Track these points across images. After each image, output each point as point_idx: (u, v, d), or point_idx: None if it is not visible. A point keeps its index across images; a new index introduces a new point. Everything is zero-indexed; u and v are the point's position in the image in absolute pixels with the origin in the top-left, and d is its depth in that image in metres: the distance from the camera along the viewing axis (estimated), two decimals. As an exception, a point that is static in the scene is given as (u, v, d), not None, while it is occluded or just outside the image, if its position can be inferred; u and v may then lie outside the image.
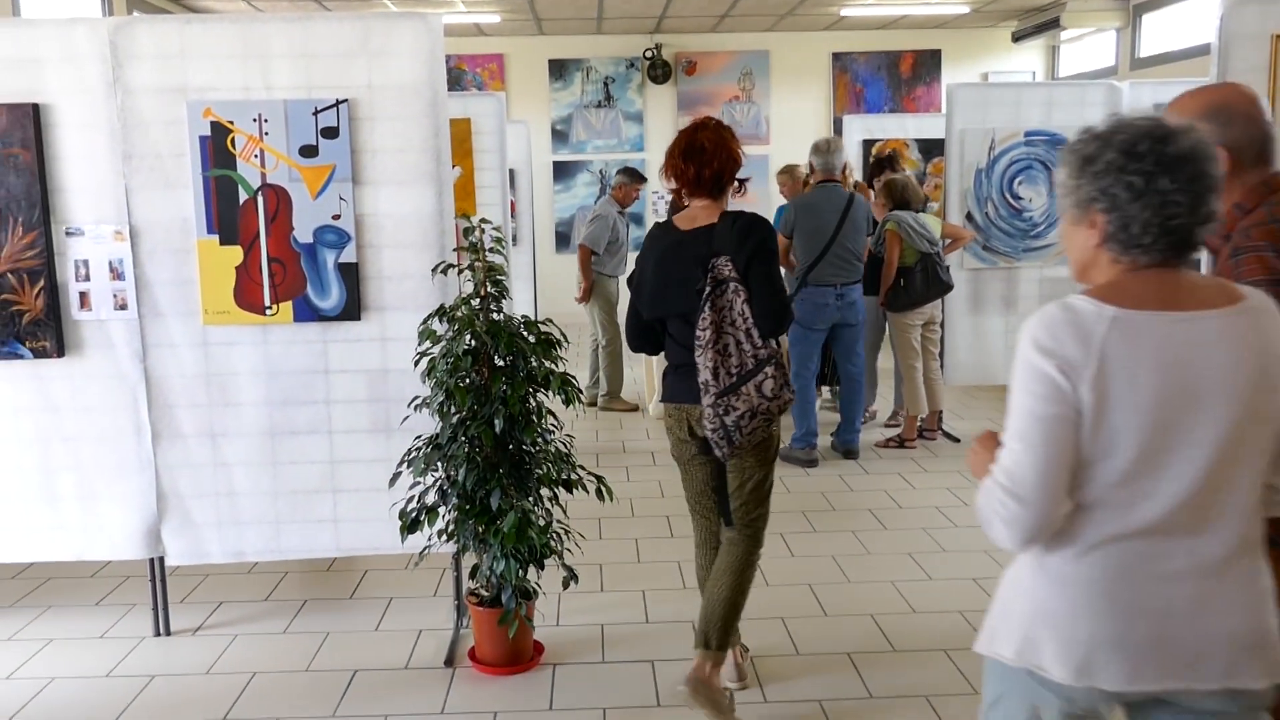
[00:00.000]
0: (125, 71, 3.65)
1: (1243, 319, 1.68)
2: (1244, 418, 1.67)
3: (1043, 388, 1.67)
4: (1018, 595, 1.80)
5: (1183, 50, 9.62)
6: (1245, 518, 1.71)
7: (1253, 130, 2.21)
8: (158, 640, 3.96)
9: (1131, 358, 1.64)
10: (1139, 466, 1.66)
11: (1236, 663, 1.69)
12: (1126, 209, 1.67)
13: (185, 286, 3.77)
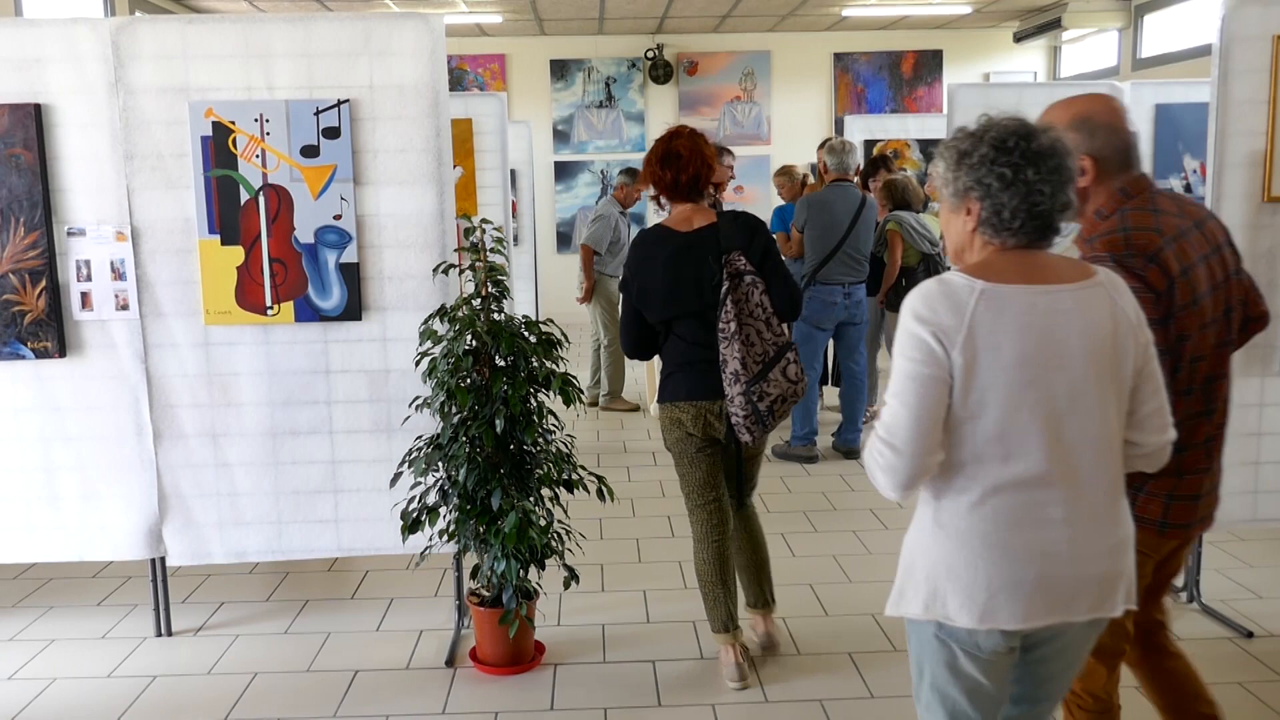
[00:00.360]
0: (127, 71, 3.65)
1: (1095, 292, 1.91)
2: (1099, 379, 1.88)
3: (919, 352, 1.87)
4: (919, 555, 1.99)
5: (1184, 51, 9.61)
6: (1109, 469, 1.93)
7: (1114, 140, 2.34)
8: (159, 641, 3.97)
9: (997, 325, 1.85)
10: (1008, 423, 1.87)
11: (1103, 596, 1.95)
12: (998, 197, 1.89)
13: (187, 287, 3.77)
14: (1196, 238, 2.33)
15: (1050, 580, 1.90)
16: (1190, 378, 2.30)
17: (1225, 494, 4.02)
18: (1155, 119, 6.66)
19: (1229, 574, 4.40)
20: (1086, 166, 2.31)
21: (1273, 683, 3.49)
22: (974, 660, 1.97)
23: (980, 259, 1.96)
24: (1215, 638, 3.83)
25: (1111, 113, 2.38)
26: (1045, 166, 1.88)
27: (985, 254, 1.96)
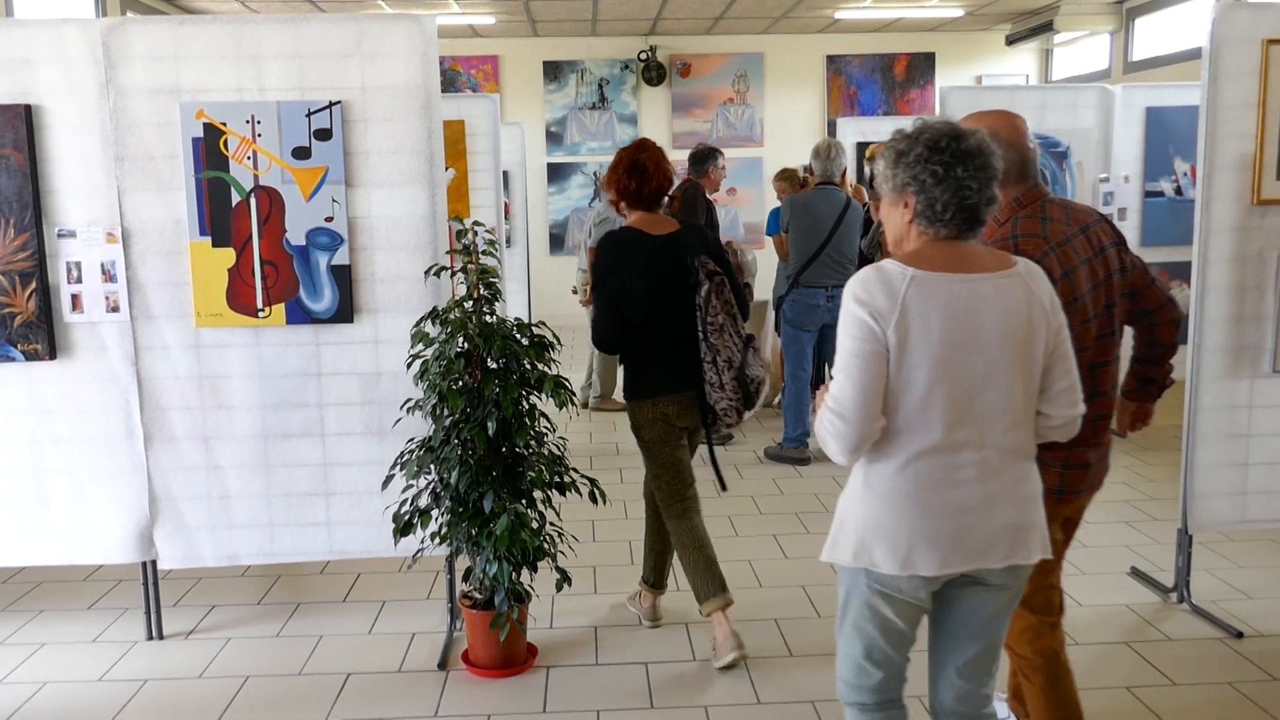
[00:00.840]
0: (118, 73, 3.64)
1: (1014, 280, 2.15)
2: (1012, 358, 2.13)
3: (859, 330, 2.11)
4: (851, 510, 2.25)
5: (1175, 54, 9.64)
6: (1019, 435, 2.18)
7: (1013, 154, 2.59)
8: (150, 644, 3.95)
9: (925, 308, 2.09)
10: (932, 395, 2.10)
11: (1015, 545, 2.19)
12: (931, 191, 2.13)
13: (177, 289, 3.76)
14: (1081, 242, 2.62)
15: (965, 532, 2.15)
16: None
17: (1215, 495, 4.05)
18: (1146, 122, 6.69)
19: (1219, 575, 4.41)
20: None
21: (1263, 683, 3.50)
22: (892, 603, 2.24)
23: (914, 248, 2.19)
24: (1205, 638, 3.84)
25: (1013, 130, 2.66)
26: (973, 164, 2.12)
27: (920, 244, 2.20)
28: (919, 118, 2.23)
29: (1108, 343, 2.68)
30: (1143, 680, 3.54)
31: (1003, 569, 2.21)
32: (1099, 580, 4.40)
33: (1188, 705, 3.38)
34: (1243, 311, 3.93)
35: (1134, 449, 6.51)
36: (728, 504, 5.47)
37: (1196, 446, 4.00)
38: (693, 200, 6.51)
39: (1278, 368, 3.95)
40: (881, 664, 2.33)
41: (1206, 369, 3.95)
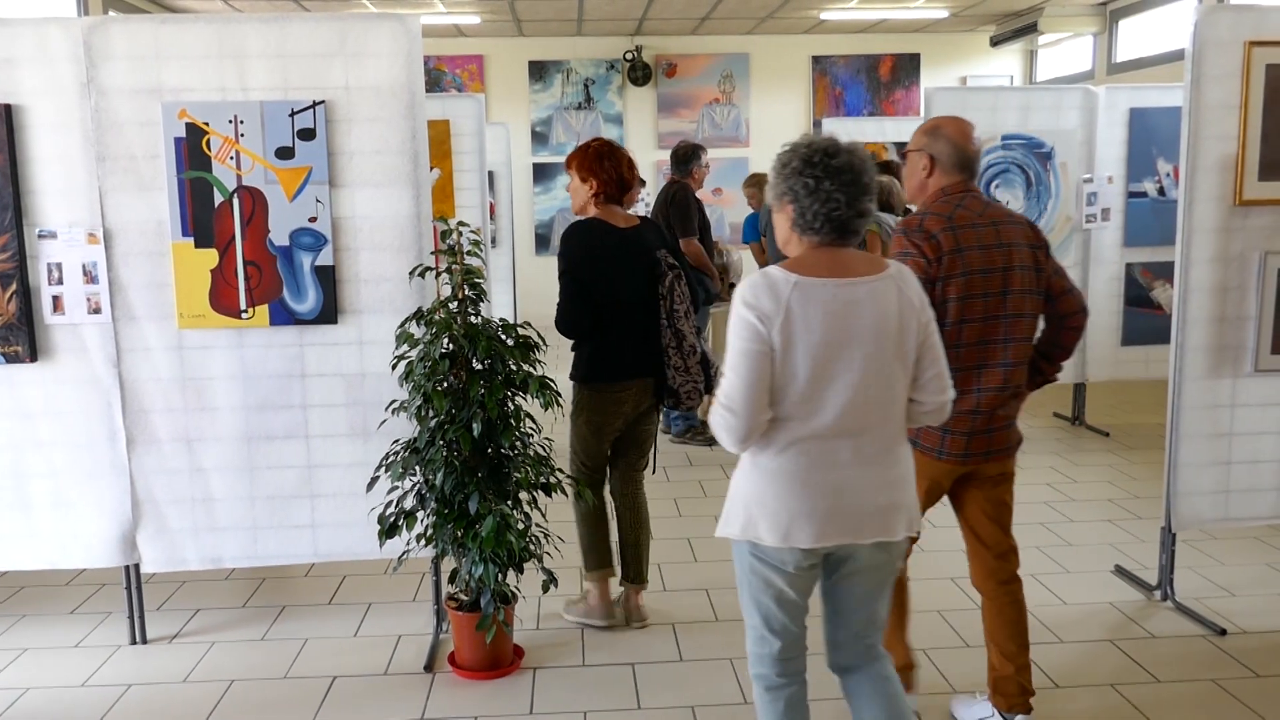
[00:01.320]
0: (99, 72, 3.61)
1: (885, 283, 2.36)
2: (885, 353, 2.34)
3: (747, 332, 2.30)
4: (740, 489, 2.45)
5: (1158, 56, 9.69)
6: (891, 422, 2.39)
7: (951, 150, 3.02)
8: (134, 648, 3.93)
9: (806, 310, 2.30)
10: (812, 388, 2.32)
11: (885, 523, 2.41)
12: (803, 201, 2.36)
13: (160, 290, 3.74)
14: (986, 232, 2.96)
15: (839, 510, 2.37)
16: (957, 335, 2.92)
17: (1198, 493, 4.07)
18: (1129, 123, 6.72)
19: (1202, 572, 4.44)
20: (926, 163, 3.06)
21: (1246, 679, 3.52)
22: (779, 573, 2.44)
23: (797, 254, 2.42)
24: (1189, 635, 3.86)
25: (959, 132, 3.05)
26: (840, 180, 2.33)
27: (801, 249, 2.42)
28: (805, 134, 2.47)
29: (994, 324, 2.96)
30: (1127, 678, 3.55)
31: (872, 545, 2.43)
32: (1084, 578, 4.42)
33: (1172, 702, 3.39)
34: (1225, 312, 3.95)
35: (1118, 448, 6.55)
36: (714, 504, 5.47)
37: (1180, 445, 4.02)
38: (684, 202, 6.46)
39: (1260, 367, 3.97)
40: (780, 633, 2.52)
41: (1189, 368, 3.97)
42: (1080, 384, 7.08)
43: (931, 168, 3.06)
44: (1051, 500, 5.50)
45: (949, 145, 3.03)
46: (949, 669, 3.64)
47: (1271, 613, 4.05)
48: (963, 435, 3.00)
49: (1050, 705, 3.38)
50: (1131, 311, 6.88)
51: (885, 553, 2.46)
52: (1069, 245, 6.74)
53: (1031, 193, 6.65)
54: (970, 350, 2.94)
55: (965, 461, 3.05)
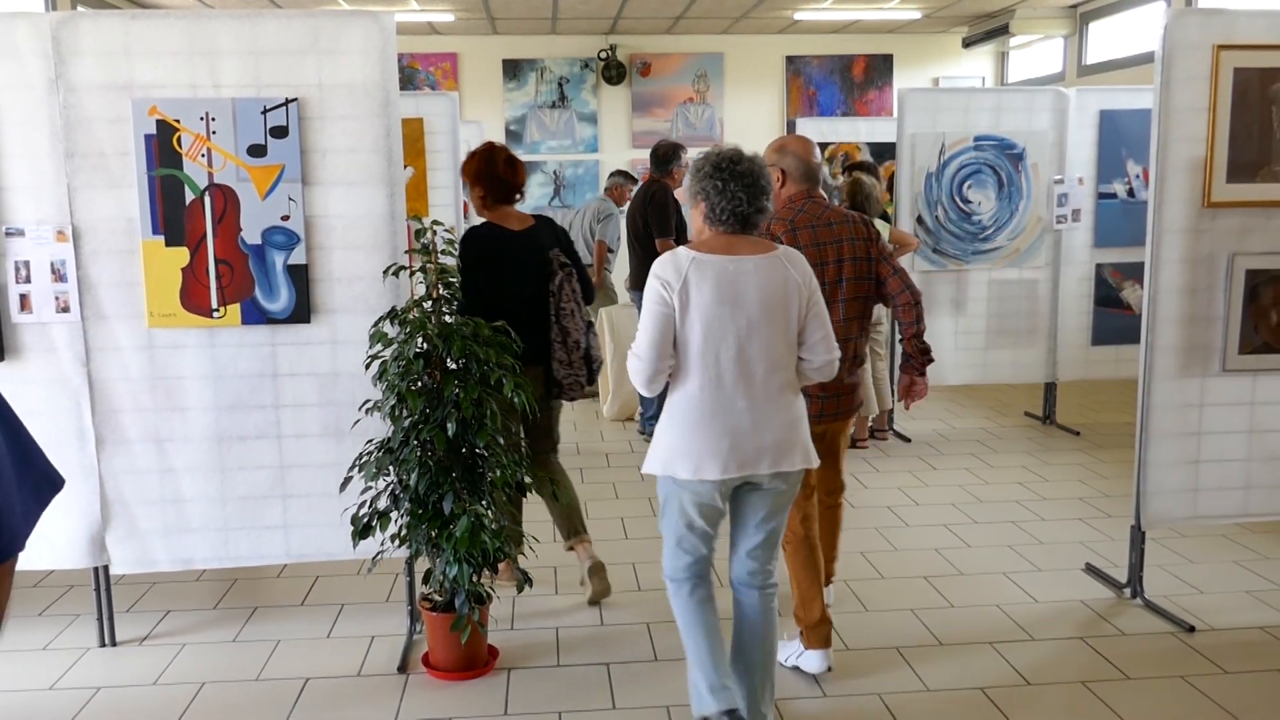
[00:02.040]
0: (68, 68, 3.57)
1: (772, 261, 2.89)
2: (770, 318, 2.85)
3: (655, 296, 2.85)
4: (660, 433, 2.96)
5: (1128, 58, 9.79)
6: (780, 374, 2.90)
7: (797, 163, 3.60)
8: (103, 651, 3.89)
9: (701, 280, 2.83)
10: (708, 344, 2.83)
11: (779, 457, 2.91)
12: (713, 200, 2.90)
13: (130, 288, 3.70)
14: (822, 231, 3.54)
15: (738, 448, 2.86)
16: None
17: (1167, 491, 4.11)
18: (1099, 124, 6.78)
19: (1171, 570, 4.49)
20: (779, 176, 3.58)
21: (1214, 676, 3.56)
22: (692, 503, 2.94)
23: (704, 240, 2.94)
24: (1158, 632, 3.90)
25: (804, 149, 3.65)
26: (743, 183, 2.88)
27: (708, 236, 2.95)
28: (715, 144, 3.00)
29: (832, 306, 3.47)
30: (1097, 675, 3.59)
31: (770, 474, 2.92)
32: (1054, 576, 4.46)
33: (1142, 699, 3.43)
34: (1194, 312, 3.99)
35: (1088, 447, 6.61)
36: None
37: (1149, 444, 4.06)
38: (663, 202, 6.44)
39: (1228, 367, 4.02)
40: (689, 551, 3.04)
41: (1159, 368, 4.01)
42: (1051, 384, 7.15)
43: (783, 180, 3.61)
44: (1022, 499, 5.54)
45: (796, 160, 3.62)
46: (923, 668, 3.66)
47: (1239, 610, 4.10)
48: (818, 399, 3.54)
49: (1021, 702, 3.41)
50: (1101, 311, 6.95)
51: (784, 481, 2.98)
52: (1040, 246, 6.80)
53: (1003, 193, 6.70)
54: None
55: (820, 421, 3.55)
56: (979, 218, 6.69)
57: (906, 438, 6.84)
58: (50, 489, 1.44)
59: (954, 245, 6.70)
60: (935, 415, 7.50)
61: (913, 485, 5.82)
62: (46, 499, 1.42)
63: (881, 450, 6.56)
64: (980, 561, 4.64)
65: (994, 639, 3.86)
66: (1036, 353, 6.97)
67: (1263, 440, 4.12)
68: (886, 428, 6.87)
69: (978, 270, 6.77)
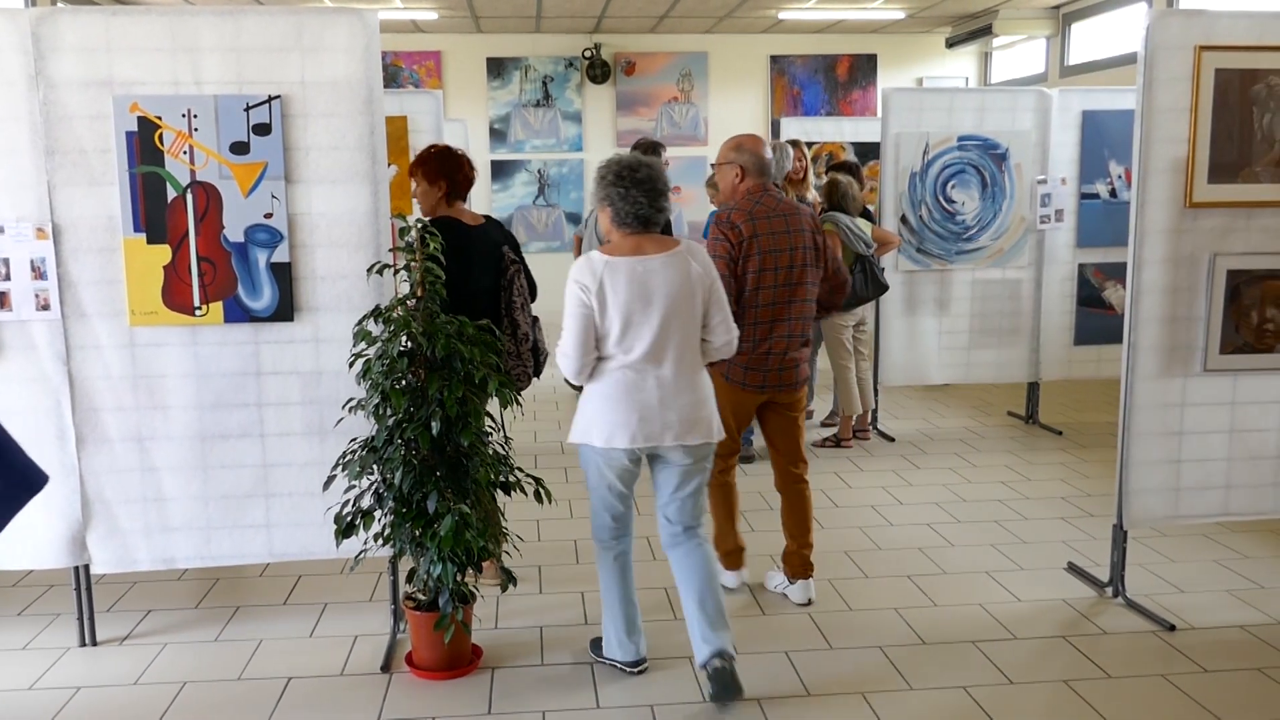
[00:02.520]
0: (48, 64, 3.54)
1: (676, 258, 3.29)
2: (677, 308, 3.26)
3: (574, 298, 3.24)
4: (582, 406, 3.38)
5: (1110, 59, 9.85)
6: (686, 358, 3.31)
7: (753, 159, 4.01)
8: (83, 651, 3.86)
9: (614, 281, 3.22)
10: (624, 334, 3.24)
11: (685, 430, 3.32)
12: (617, 204, 3.29)
13: (111, 286, 3.67)
14: (778, 222, 3.94)
15: (647, 421, 3.28)
16: (755, 299, 3.91)
17: (1149, 490, 4.14)
18: (1082, 125, 6.82)
19: (1152, 569, 4.51)
20: (738, 172, 4.02)
21: (1194, 674, 3.58)
22: (609, 467, 3.37)
23: (614, 241, 3.34)
24: (1139, 631, 3.92)
25: (756, 145, 4.05)
26: (643, 188, 3.27)
27: (617, 237, 3.33)
28: (615, 154, 3.41)
29: (783, 290, 3.96)
30: (1079, 673, 3.60)
31: (677, 446, 3.34)
32: (1037, 575, 4.48)
33: (1123, 697, 3.45)
34: (1176, 312, 4.02)
35: (1071, 446, 6.64)
36: (673, 503, 5.48)
37: (1131, 443, 4.08)
38: None
39: (1209, 367, 4.05)
40: (609, 510, 3.47)
41: (1141, 368, 4.03)
42: (1034, 383, 7.18)
43: (743, 175, 4.02)
44: (1005, 498, 5.57)
45: (752, 157, 4.01)
46: (905, 666, 3.67)
47: (1219, 609, 4.13)
48: (761, 372, 4.00)
49: (1004, 701, 3.43)
50: (1084, 311, 6.99)
51: (690, 454, 3.38)
52: (1023, 245, 6.83)
53: (987, 193, 6.72)
54: (766, 309, 3.94)
55: (764, 391, 4.04)
56: (963, 217, 6.72)
57: (890, 437, 6.86)
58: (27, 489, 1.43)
59: (938, 245, 6.73)
60: (918, 415, 7.53)
61: (896, 484, 5.83)
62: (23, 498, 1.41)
63: (865, 449, 6.58)
64: (963, 560, 4.66)
65: (977, 638, 3.88)
66: (1019, 352, 7.00)
67: (1243, 440, 4.15)
68: (870, 427, 6.89)
69: (961, 270, 6.80)
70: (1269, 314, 4.03)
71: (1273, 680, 3.55)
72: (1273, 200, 3.98)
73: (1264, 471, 4.19)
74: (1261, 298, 4.01)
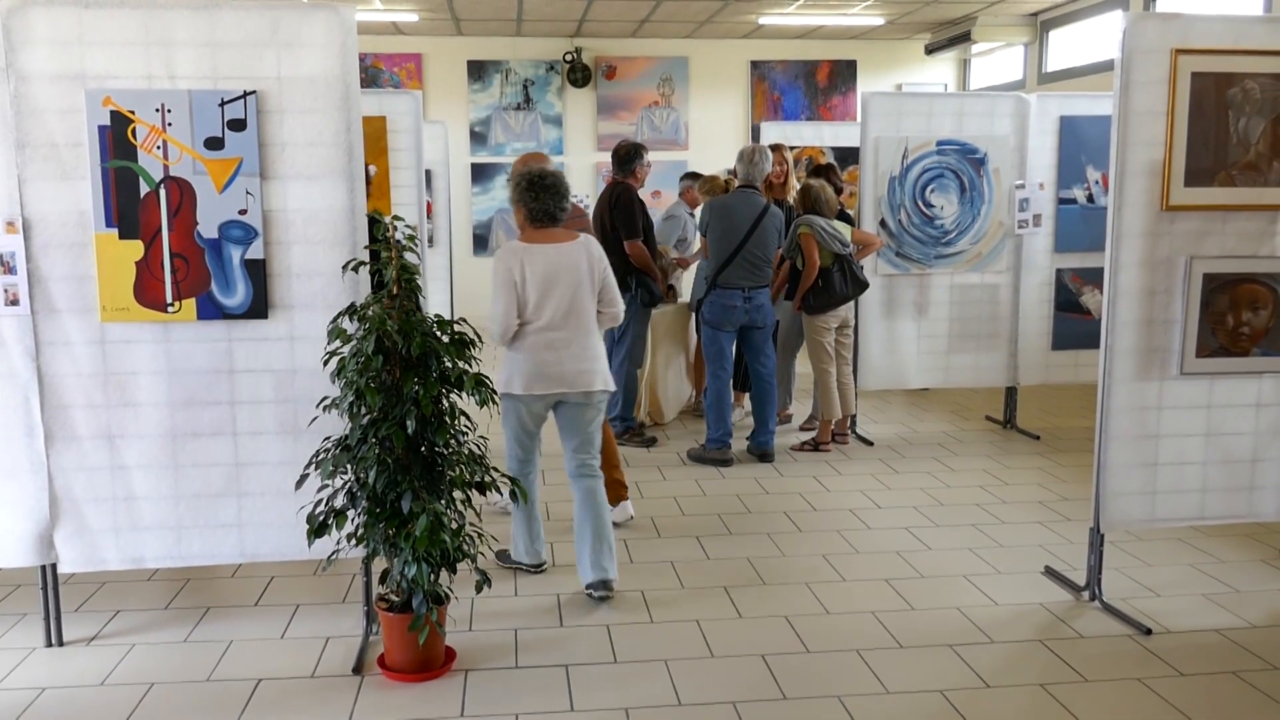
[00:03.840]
0: (18, 57, 3.49)
1: (576, 246, 4.15)
2: (579, 285, 4.11)
3: (501, 277, 4.05)
4: (505, 364, 4.18)
5: (1087, 66, 9.91)
6: (584, 324, 4.15)
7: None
8: (49, 651, 3.80)
9: (533, 263, 4.05)
10: (537, 305, 4.05)
11: (583, 380, 4.16)
12: (531, 206, 4.12)
13: (82, 282, 3.62)
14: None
15: (553, 374, 4.11)
16: None
17: (1126, 494, 4.14)
18: (1060, 130, 6.85)
19: (1128, 573, 4.52)
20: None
21: (1170, 678, 3.59)
22: (525, 411, 4.22)
23: (528, 234, 4.15)
24: (1115, 635, 3.92)
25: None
26: (550, 192, 4.13)
27: (529, 231, 4.15)
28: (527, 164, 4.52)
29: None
30: (1056, 677, 3.60)
31: (578, 393, 4.16)
32: (1014, 579, 4.48)
33: (1099, 701, 3.44)
34: (1152, 315, 4.03)
35: (1048, 451, 6.66)
36: (651, 506, 5.46)
37: (1108, 447, 4.08)
38: (629, 203, 6.41)
39: (1185, 370, 4.06)
40: (522, 446, 4.35)
41: (1118, 371, 4.04)
42: (1011, 388, 7.20)
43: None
44: (983, 502, 5.57)
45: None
46: (882, 670, 3.65)
47: (1194, 613, 4.14)
48: None
49: (980, 704, 3.42)
50: (1061, 316, 7.02)
51: (587, 400, 4.21)
52: (1001, 250, 6.85)
53: (965, 198, 6.74)
54: None
55: None
56: (941, 221, 6.73)
57: (868, 441, 6.86)
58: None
59: (916, 249, 6.74)
60: (897, 419, 7.53)
61: (874, 488, 5.83)
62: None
63: (843, 453, 6.58)
64: (941, 564, 4.66)
65: (954, 641, 3.87)
66: (998, 357, 7.02)
67: (1219, 443, 4.16)
68: (849, 431, 6.89)
69: (940, 274, 6.81)
70: (1244, 317, 4.04)
71: (1248, 684, 3.56)
72: (1248, 204, 4.00)
73: (1239, 475, 4.20)
74: (1237, 301, 4.03)
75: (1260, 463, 4.20)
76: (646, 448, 6.66)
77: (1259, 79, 3.91)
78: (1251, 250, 4.05)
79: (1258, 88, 3.92)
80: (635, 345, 6.68)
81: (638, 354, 6.76)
